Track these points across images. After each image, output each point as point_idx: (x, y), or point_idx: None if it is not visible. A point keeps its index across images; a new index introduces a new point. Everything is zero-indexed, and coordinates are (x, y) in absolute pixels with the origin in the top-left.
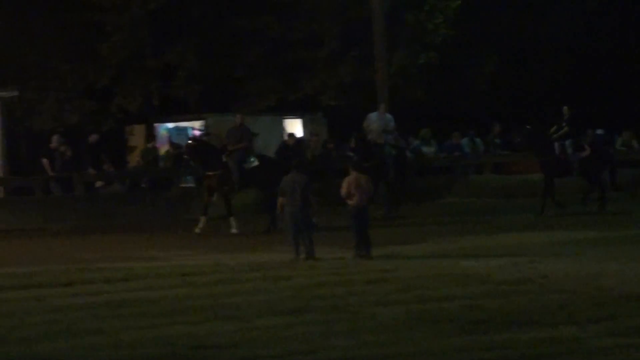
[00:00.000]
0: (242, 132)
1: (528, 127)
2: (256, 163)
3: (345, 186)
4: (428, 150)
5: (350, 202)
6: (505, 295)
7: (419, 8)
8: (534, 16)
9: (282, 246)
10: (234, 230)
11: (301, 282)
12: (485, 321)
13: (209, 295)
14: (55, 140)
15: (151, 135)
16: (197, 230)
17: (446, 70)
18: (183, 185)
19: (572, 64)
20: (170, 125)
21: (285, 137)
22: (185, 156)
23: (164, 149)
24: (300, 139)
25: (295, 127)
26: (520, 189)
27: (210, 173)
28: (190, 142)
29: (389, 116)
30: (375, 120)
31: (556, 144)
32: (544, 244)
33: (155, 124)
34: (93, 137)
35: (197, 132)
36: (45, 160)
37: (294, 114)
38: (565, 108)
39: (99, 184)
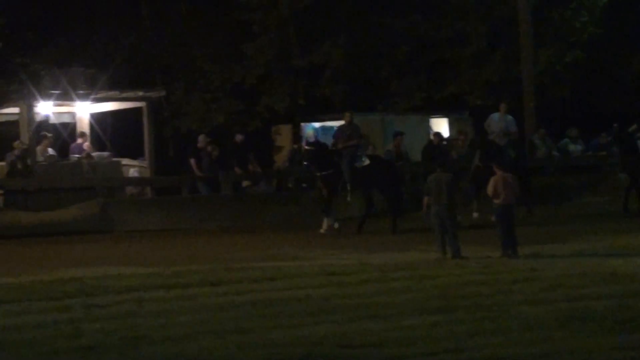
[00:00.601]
0: (351, 130)
1: (615, 124)
2: (367, 162)
3: (492, 185)
4: (574, 149)
5: (497, 201)
6: None
7: (565, 6)
8: None
9: (428, 245)
10: (322, 230)
11: (447, 281)
12: (633, 320)
13: (355, 294)
14: (202, 140)
15: (297, 135)
16: (321, 230)
17: (593, 69)
18: None
19: None
20: (317, 124)
21: (431, 137)
22: (305, 162)
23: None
24: (446, 138)
25: (441, 126)
26: None
27: (322, 173)
28: (307, 147)
29: (510, 117)
30: (497, 121)
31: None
32: None
33: (302, 124)
34: (239, 137)
35: None
36: (192, 160)
37: (440, 113)
38: None
39: (245, 183)
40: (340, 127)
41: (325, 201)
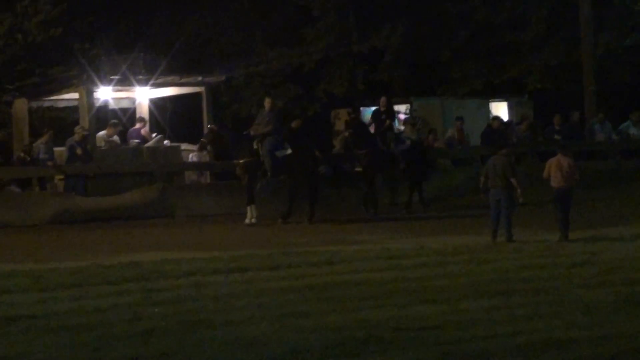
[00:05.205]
0: (269, 117)
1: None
2: (289, 151)
3: (547, 168)
4: (635, 132)
5: (552, 184)
6: None
7: None
8: None
9: (486, 229)
10: (247, 221)
11: (506, 265)
12: None
13: (413, 278)
14: None
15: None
16: (247, 221)
17: None
18: None
19: None
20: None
21: (491, 121)
22: (203, 139)
23: None
24: (506, 122)
25: (501, 110)
26: None
27: (239, 161)
28: (210, 126)
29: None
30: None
31: None
32: None
33: (361, 108)
34: (295, 123)
35: (402, 116)
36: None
37: (500, 97)
38: None
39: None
40: (259, 114)
41: (245, 190)
